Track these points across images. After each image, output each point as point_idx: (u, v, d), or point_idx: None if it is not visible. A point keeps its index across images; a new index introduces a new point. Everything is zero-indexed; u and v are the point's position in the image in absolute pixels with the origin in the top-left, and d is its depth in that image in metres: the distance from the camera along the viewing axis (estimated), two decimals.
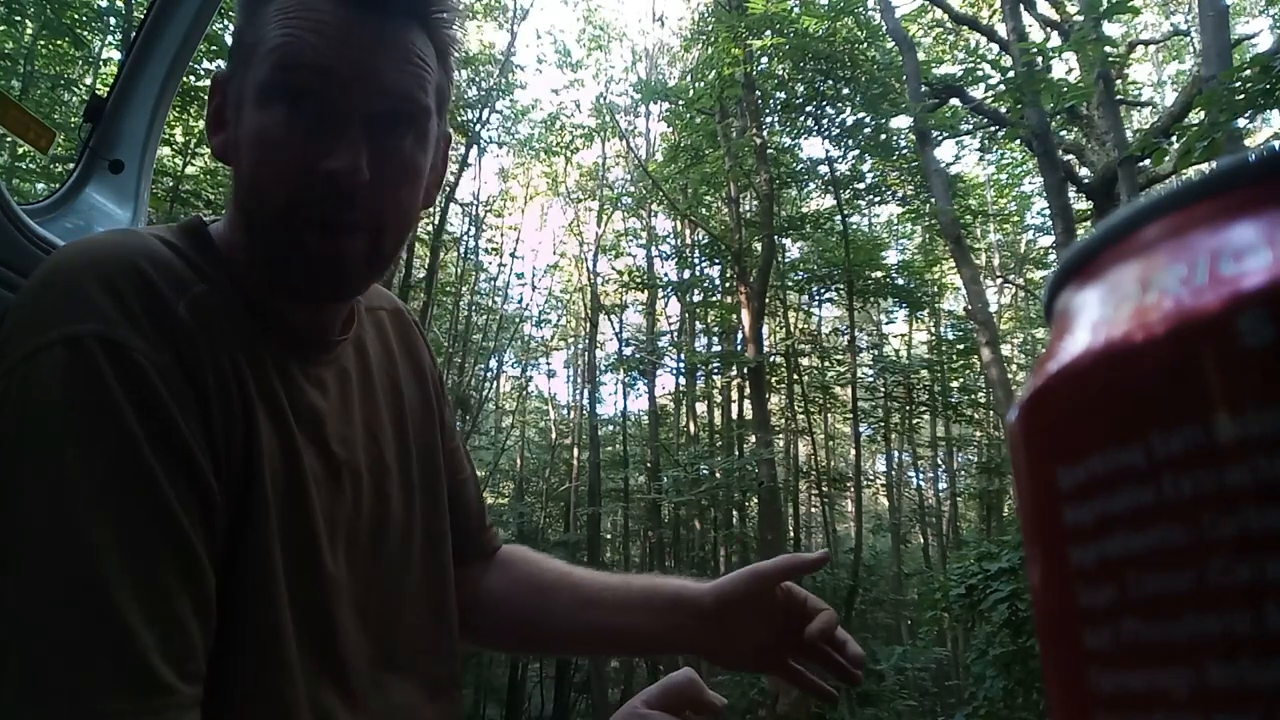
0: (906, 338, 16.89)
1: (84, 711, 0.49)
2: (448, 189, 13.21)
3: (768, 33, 9.53)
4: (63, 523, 0.52)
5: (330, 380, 0.74)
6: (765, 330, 11.91)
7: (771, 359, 12.19)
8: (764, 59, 10.63)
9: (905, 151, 11.57)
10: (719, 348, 14.72)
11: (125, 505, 0.54)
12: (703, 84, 11.56)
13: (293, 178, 0.63)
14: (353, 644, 0.69)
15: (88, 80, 9.29)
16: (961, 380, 13.88)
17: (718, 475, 11.15)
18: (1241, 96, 4.19)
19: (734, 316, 13.01)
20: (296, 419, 0.68)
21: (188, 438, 0.58)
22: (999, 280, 14.74)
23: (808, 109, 11.45)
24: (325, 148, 0.63)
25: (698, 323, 15.35)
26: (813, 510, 16.54)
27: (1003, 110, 7.72)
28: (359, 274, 0.68)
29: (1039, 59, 6.11)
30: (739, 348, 12.02)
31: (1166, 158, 6.08)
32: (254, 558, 0.62)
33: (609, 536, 17.02)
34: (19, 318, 0.59)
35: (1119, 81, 9.14)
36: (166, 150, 8.69)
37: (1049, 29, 8.18)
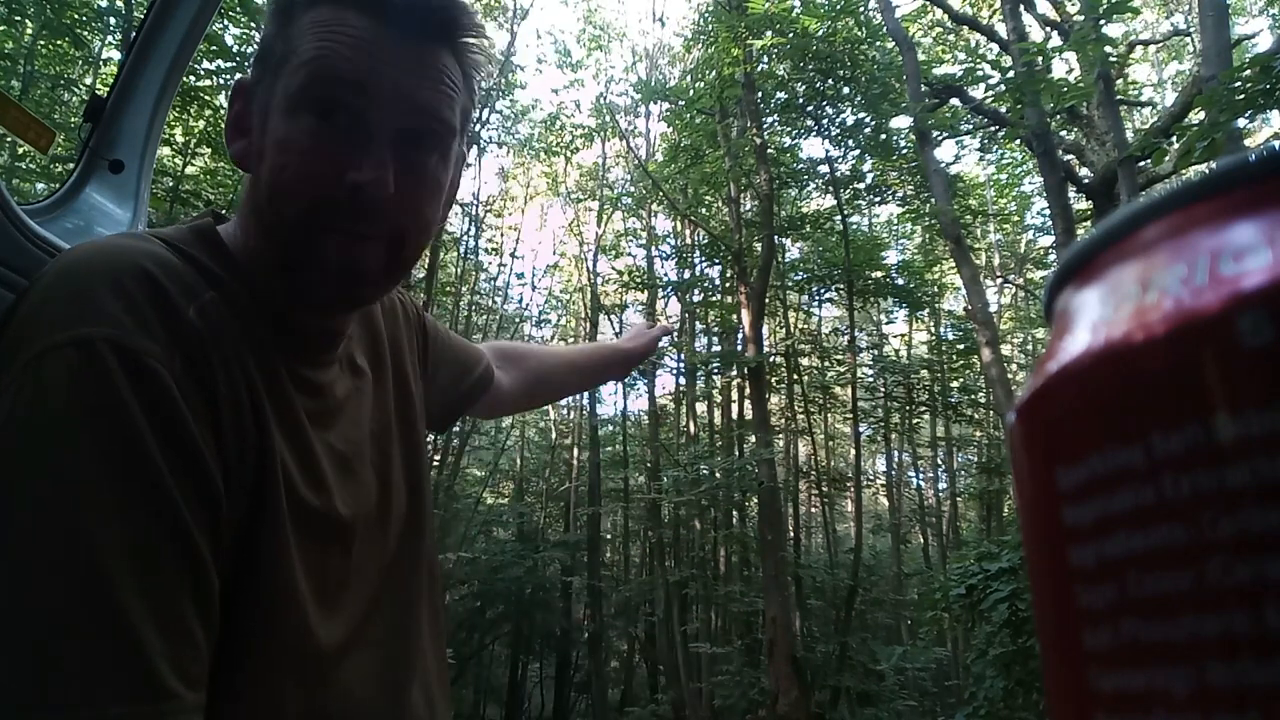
0: (906, 338, 16.88)
1: (85, 715, 0.49)
2: None
3: (768, 33, 9.52)
4: (69, 524, 0.52)
5: (340, 376, 0.75)
6: (765, 330, 11.90)
7: (771, 359, 12.19)
8: (764, 59, 10.62)
9: (905, 151, 11.56)
10: (719, 348, 14.72)
11: (133, 507, 0.54)
12: (703, 84, 11.55)
13: (317, 186, 0.64)
14: (361, 657, 0.70)
15: (88, 80, 9.28)
16: (961, 380, 13.87)
17: (718, 475, 11.14)
18: (1241, 96, 4.19)
19: (734, 316, 13.00)
20: (310, 422, 0.69)
21: (198, 443, 0.58)
22: (999, 280, 14.73)
23: (808, 109, 11.44)
24: (353, 160, 0.64)
25: (698, 323, 15.34)
26: (813, 510, 16.54)
27: (1003, 110, 7.71)
28: (375, 282, 0.70)
29: (1039, 59, 6.11)
30: (739, 348, 12.01)
31: (1166, 158, 6.09)
32: (268, 564, 0.62)
33: (609, 536, 17.00)
34: (27, 319, 0.58)
35: (1119, 81, 9.14)
36: (166, 150, 8.69)
37: (1049, 29, 8.18)
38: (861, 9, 9.90)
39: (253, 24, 8.63)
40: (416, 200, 0.68)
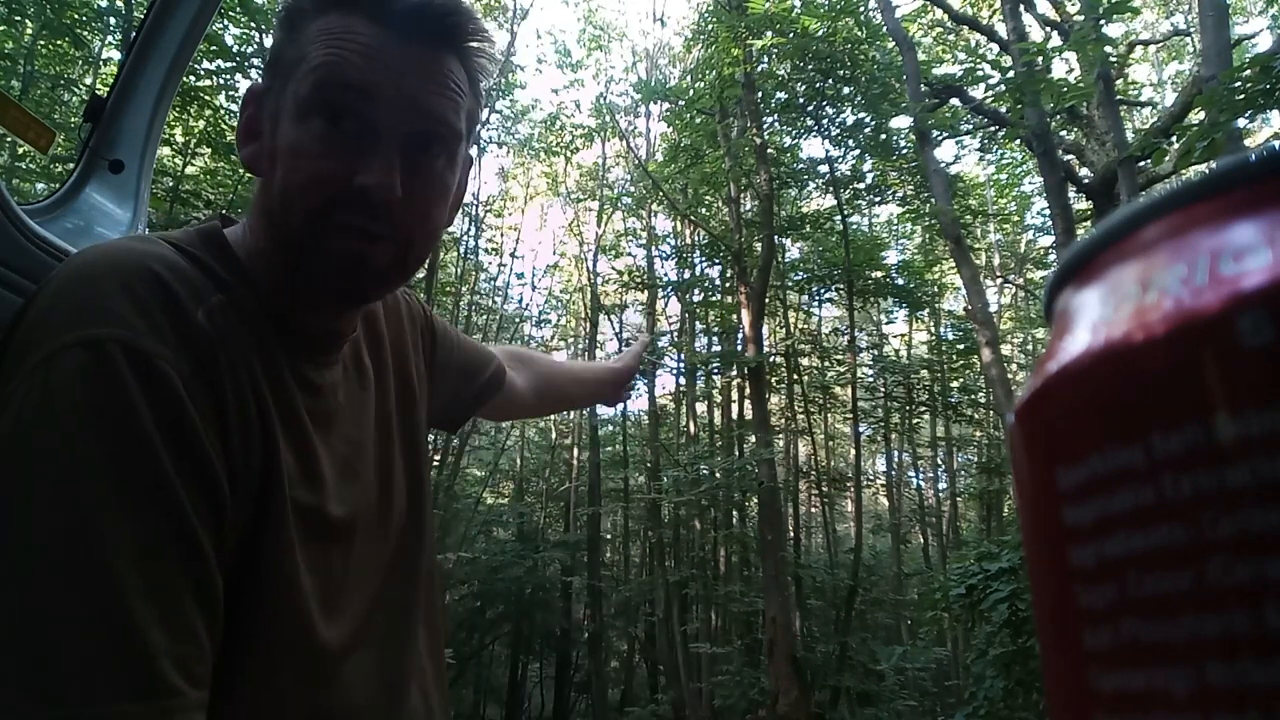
0: (906, 338, 16.87)
1: (91, 712, 0.49)
2: None
3: (768, 33, 9.52)
4: (76, 522, 0.52)
5: (343, 378, 0.76)
6: (765, 330, 11.90)
7: (771, 359, 12.19)
8: (764, 59, 10.62)
9: (905, 151, 11.57)
10: (719, 348, 14.72)
11: (139, 507, 0.54)
12: (703, 84, 11.56)
13: (326, 188, 0.65)
14: (362, 658, 0.70)
15: (88, 80, 9.28)
16: (961, 380, 13.87)
17: (718, 475, 11.14)
18: (1241, 96, 4.19)
19: (734, 316, 13.01)
20: (313, 424, 0.69)
21: (206, 446, 0.58)
22: (999, 280, 14.73)
23: (808, 109, 11.44)
24: (361, 163, 0.65)
25: (698, 323, 15.34)
26: (813, 510, 16.53)
27: (1003, 110, 7.71)
28: (381, 279, 0.70)
29: (1039, 59, 6.11)
30: (739, 348, 12.01)
31: (1166, 158, 6.09)
32: (272, 565, 0.63)
33: (609, 536, 17.00)
34: (36, 323, 0.59)
35: (1119, 81, 9.14)
36: (166, 150, 8.69)
37: (1049, 29, 8.18)
38: (861, 9, 9.90)
39: (253, 24, 8.63)
40: (424, 203, 0.69)
